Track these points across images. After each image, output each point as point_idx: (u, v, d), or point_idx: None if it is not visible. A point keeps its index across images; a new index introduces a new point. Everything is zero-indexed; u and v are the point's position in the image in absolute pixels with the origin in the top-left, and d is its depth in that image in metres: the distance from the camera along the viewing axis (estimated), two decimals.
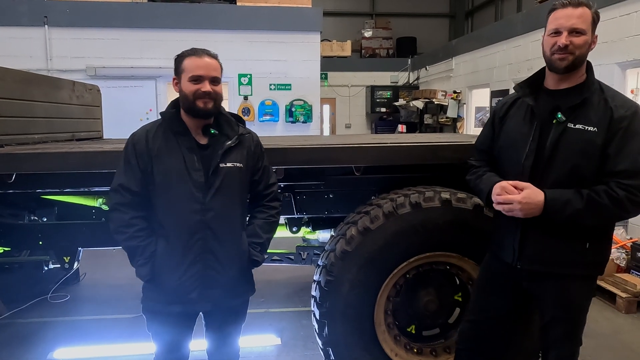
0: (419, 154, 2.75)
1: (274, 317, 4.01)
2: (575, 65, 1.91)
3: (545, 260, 2.00)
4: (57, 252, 3.41)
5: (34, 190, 2.91)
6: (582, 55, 1.90)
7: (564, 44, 1.86)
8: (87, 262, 4.75)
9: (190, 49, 2.06)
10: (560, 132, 1.91)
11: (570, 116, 1.92)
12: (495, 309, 2.22)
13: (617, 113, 1.86)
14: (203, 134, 2.09)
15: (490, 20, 13.79)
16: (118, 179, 2.06)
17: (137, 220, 2.03)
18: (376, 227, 2.59)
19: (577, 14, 1.86)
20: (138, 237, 2.02)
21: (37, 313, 4.07)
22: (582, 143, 1.88)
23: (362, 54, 14.55)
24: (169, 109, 2.11)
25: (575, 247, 1.97)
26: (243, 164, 2.11)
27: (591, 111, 1.90)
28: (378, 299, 2.67)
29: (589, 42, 1.90)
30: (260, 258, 2.18)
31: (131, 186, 2.02)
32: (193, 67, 2.00)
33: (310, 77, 8.20)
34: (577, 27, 1.86)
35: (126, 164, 2.05)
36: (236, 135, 2.11)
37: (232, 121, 2.16)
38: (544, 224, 1.95)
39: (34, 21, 7.44)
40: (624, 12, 5.83)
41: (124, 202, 2.02)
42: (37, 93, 3.50)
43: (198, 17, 7.78)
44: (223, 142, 2.08)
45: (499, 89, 8.90)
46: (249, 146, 2.16)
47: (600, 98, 1.92)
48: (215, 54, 2.10)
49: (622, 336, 3.76)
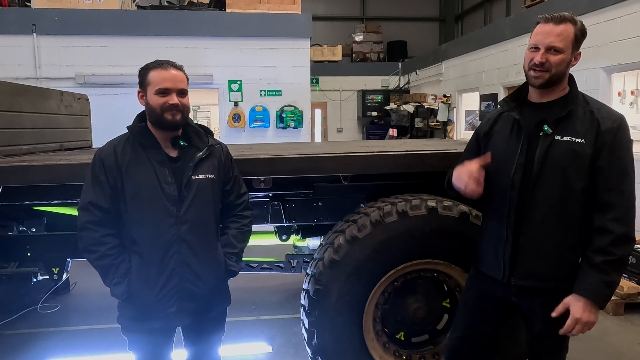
0: (406, 162, 2.78)
1: (265, 324, 4.02)
2: (552, 83, 1.91)
3: (540, 276, 1.98)
4: (46, 264, 3.39)
5: (21, 202, 2.90)
6: (559, 73, 1.89)
7: (539, 62, 1.87)
8: (78, 271, 4.73)
9: (155, 61, 2.04)
10: (548, 144, 1.91)
11: (557, 128, 1.91)
12: (482, 324, 2.21)
13: (604, 125, 1.87)
14: (172, 147, 2.07)
15: (480, 24, 13.92)
16: (86, 196, 2.00)
17: (108, 237, 1.99)
18: (364, 235, 2.61)
19: (557, 32, 1.85)
20: (110, 255, 1.98)
21: (26, 324, 4.05)
22: (571, 154, 1.88)
23: (353, 58, 14.64)
24: (136, 122, 2.09)
25: (569, 262, 1.96)
26: (215, 174, 2.11)
27: (577, 123, 1.90)
28: (367, 306, 2.68)
29: (568, 61, 1.89)
30: (237, 268, 2.18)
31: (101, 203, 1.98)
32: (159, 79, 1.98)
33: (301, 82, 8.22)
34: (555, 46, 1.85)
35: (94, 180, 2.01)
36: (206, 146, 2.11)
37: (201, 132, 2.15)
38: (536, 239, 1.95)
39: (22, 29, 7.40)
40: (609, 18, 5.92)
41: (93, 220, 1.97)
42: (24, 104, 3.49)
43: (187, 24, 7.78)
44: (194, 154, 2.07)
45: (488, 92, 8.98)
46: (220, 157, 2.16)
47: (586, 109, 1.92)
48: (181, 65, 2.08)
49: (610, 338, 3.80)
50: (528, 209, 1.96)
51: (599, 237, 1.87)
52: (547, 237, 1.95)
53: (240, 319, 4.06)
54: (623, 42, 5.72)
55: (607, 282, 1.86)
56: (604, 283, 1.86)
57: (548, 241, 1.95)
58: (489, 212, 2.15)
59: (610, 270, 1.85)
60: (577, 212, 1.92)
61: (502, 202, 2.02)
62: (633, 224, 1.88)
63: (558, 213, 1.92)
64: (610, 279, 1.86)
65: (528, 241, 1.97)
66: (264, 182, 2.85)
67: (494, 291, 2.12)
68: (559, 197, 1.90)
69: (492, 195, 2.09)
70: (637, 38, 5.51)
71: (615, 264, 1.85)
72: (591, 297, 1.86)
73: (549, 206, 1.93)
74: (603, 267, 1.85)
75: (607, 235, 1.85)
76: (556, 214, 1.92)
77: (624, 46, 5.70)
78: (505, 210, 2.01)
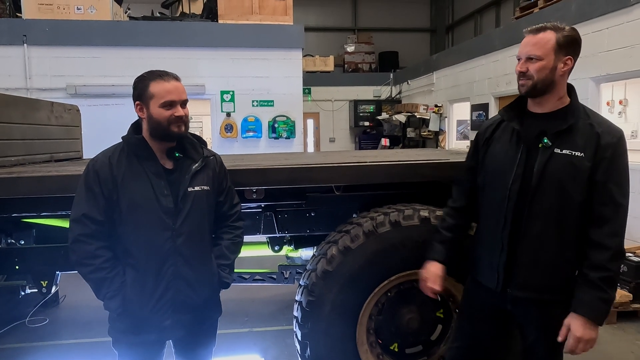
0: (398, 172, 2.78)
1: (258, 336, 3.98)
2: (539, 90, 1.93)
3: (536, 287, 1.98)
4: (35, 276, 3.34)
5: (10, 214, 2.86)
6: (544, 79, 1.90)
7: (519, 71, 1.94)
8: (67, 284, 4.66)
9: (152, 72, 2.00)
10: (547, 157, 1.91)
11: (556, 141, 1.92)
12: (481, 334, 2.21)
13: (604, 140, 1.87)
14: (168, 158, 2.06)
15: (470, 35, 14.08)
16: (80, 208, 1.95)
17: (102, 250, 1.95)
18: (357, 246, 2.60)
19: (534, 41, 1.90)
20: (105, 268, 1.94)
21: (14, 338, 3.97)
22: (570, 168, 1.88)
23: (344, 69, 14.72)
24: (131, 133, 2.06)
25: (565, 273, 1.97)
26: (209, 186, 2.10)
27: (577, 136, 1.90)
28: (360, 318, 2.67)
29: (550, 67, 1.90)
30: (230, 280, 2.17)
31: (95, 215, 1.94)
32: (164, 92, 1.95)
33: (293, 93, 8.24)
34: (532, 54, 1.90)
35: (88, 191, 1.96)
36: (201, 157, 2.10)
37: (196, 143, 2.14)
38: (533, 250, 1.96)
39: (13, 40, 7.37)
40: (596, 29, 6.01)
41: (87, 233, 1.93)
42: (14, 115, 3.46)
43: (180, 35, 7.79)
44: (189, 166, 2.06)
45: (479, 102, 9.06)
46: (214, 168, 2.15)
47: (586, 123, 1.92)
48: (177, 74, 2.06)
49: (603, 347, 3.79)
50: (525, 220, 1.96)
51: (595, 252, 1.88)
52: (543, 248, 1.95)
53: (232, 331, 4.02)
54: (611, 53, 5.81)
55: (604, 298, 1.87)
56: (601, 300, 1.87)
57: (545, 253, 1.95)
58: (485, 221, 2.15)
59: (605, 287, 1.86)
60: (574, 224, 1.92)
61: (499, 212, 2.02)
62: (624, 237, 1.90)
63: (555, 225, 1.92)
64: (606, 296, 1.87)
65: (525, 252, 1.97)
66: (257, 193, 2.84)
67: (490, 300, 2.12)
68: (557, 209, 1.91)
69: (489, 204, 2.09)
70: (625, 49, 5.60)
71: (610, 281, 1.87)
72: (589, 314, 1.87)
73: (546, 218, 1.93)
74: (599, 284, 1.86)
75: (604, 251, 1.86)
76: (554, 227, 1.93)
77: (612, 57, 5.79)
78: (502, 220, 2.01)
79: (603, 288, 1.85)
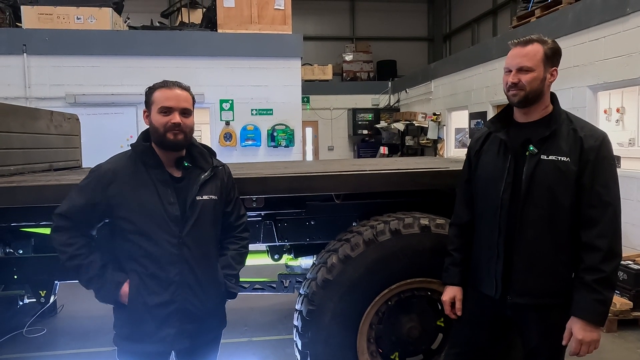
0: (397, 180, 2.78)
1: (258, 346, 3.95)
2: (530, 100, 1.98)
3: (535, 292, 2.00)
4: (33, 286, 3.32)
5: (8, 224, 2.85)
6: (535, 90, 1.96)
7: (511, 82, 1.97)
8: (66, 294, 4.63)
9: (161, 81, 2.04)
10: (534, 164, 1.96)
11: (542, 148, 1.97)
12: (480, 340, 2.21)
13: (587, 143, 1.92)
14: (176, 167, 2.06)
15: (468, 43, 14.17)
16: (66, 205, 2.00)
17: (76, 239, 1.97)
18: (357, 254, 2.59)
19: (524, 53, 1.95)
20: (79, 255, 1.96)
21: (11, 349, 3.93)
22: (557, 173, 1.93)
23: (343, 77, 14.78)
24: (140, 141, 2.08)
25: (563, 277, 1.99)
26: (217, 196, 2.10)
27: (561, 142, 1.95)
28: (360, 327, 2.65)
29: (541, 77, 1.95)
30: (237, 290, 2.17)
31: (77, 217, 1.98)
32: (162, 98, 1.98)
33: (292, 101, 8.27)
34: (523, 65, 1.95)
35: (80, 193, 2.01)
36: (210, 167, 2.11)
37: (205, 153, 2.15)
38: (529, 256, 1.98)
39: (12, 49, 7.39)
40: (593, 38, 6.05)
41: (64, 226, 1.98)
42: (13, 124, 3.46)
43: (179, 44, 7.83)
44: (198, 175, 2.06)
45: (477, 110, 9.09)
46: (222, 178, 2.16)
47: (569, 128, 1.97)
48: (188, 86, 2.09)
49: (603, 355, 3.78)
50: (519, 226, 1.99)
51: (587, 254, 1.91)
52: (539, 253, 1.98)
53: (232, 340, 3.99)
54: (608, 61, 5.84)
55: (600, 300, 1.89)
56: (598, 301, 1.89)
57: (540, 258, 1.98)
58: (480, 230, 2.17)
59: (601, 288, 1.88)
60: (567, 228, 1.96)
61: (493, 221, 2.06)
62: (618, 238, 1.92)
63: (548, 230, 1.96)
64: (602, 297, 1.89)
65: (521, 259, 2.00)
66: (256, 202, 2.83)
67: (489, 306, 2.13)
68: (548, 214, 1.95)
69: (483, 214, 2.13)
70: (622, 57, 5.63)
71: (605, 281, 1.89)
72: (587, 317, 1.90)
73: (539, 224, 1.97)
74: (594, 286, 1.88)
75: (595, 253, 1.89)
76: (547, 231, 1.96)
77: (609, 65, 5.82)
78: (496, 228, 2.05)
79: (598, 290, 1.88)
